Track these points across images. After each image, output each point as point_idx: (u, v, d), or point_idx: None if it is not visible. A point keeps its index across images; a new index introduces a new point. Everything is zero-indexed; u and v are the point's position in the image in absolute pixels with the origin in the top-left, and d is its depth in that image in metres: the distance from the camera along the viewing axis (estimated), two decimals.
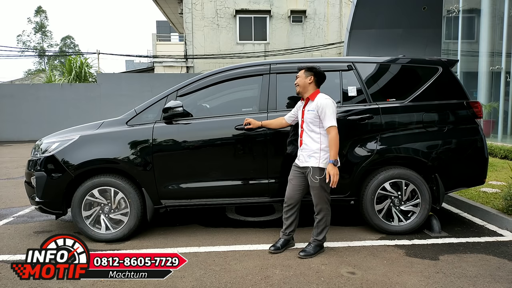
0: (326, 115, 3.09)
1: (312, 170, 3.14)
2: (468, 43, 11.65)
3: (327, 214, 3.26)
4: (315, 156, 3.14)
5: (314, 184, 3.14)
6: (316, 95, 3.21)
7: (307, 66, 3.28)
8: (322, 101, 3.13)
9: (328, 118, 3.09)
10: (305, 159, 3.20)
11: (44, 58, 45.10)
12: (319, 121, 3.15)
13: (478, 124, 3.73)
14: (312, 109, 3.17)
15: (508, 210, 3.94)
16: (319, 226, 3.26)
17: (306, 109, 3.23)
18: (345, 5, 18.91)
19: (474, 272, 2.88)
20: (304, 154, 3.21)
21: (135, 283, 2.75)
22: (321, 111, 3.10)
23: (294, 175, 3.31)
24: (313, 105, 3.17)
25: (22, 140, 15.93)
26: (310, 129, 3.19)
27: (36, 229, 4.12)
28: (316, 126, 3.17)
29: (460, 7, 11.25)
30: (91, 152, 3.58)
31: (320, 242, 3.28)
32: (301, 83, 3.25)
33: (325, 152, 3.13)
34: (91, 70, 19.75)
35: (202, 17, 18.81)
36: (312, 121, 3.17)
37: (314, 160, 3.14)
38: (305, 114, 3.23)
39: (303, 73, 3.26)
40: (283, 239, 3.38)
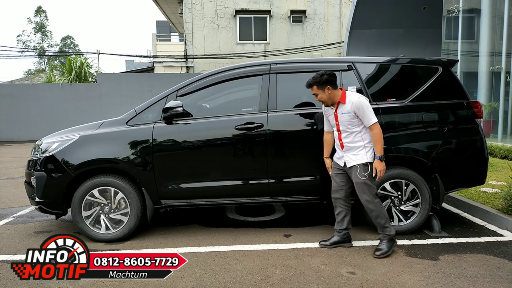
0: (365, 114, 3.08)
1: (358, 168, 3.14)
2: (468, 43, 11.65)
3: (381, 207, 3.22)
4: (361, 153, 3.15)
5: (360, 181, 3.15)
6: (345, 96, 3.17)
7: (315, 81, 3.17)
8: (356, 101, 3.09)
9: (367, 116, 3.08)
10: (351, 158, 3.19)
11: (44, 58, 45.11)
12: (358, 120, 3.13)
13: (478, 124, 3.73)
14: (347, 111, 3.13)
15: (508, 210, 3.94)
16: (379, 223, 3.23)
17: (339, 112, 3.19)
18: (345, 5, 18.90)
19: (474, 272, 2.88)
20: (350, 154, 3.20)
21: (135, 283, 2.75)
22: (359, 111, 3.08)
23: (336, 172, 3.35)
24: (347, 107, 3.13)
25: (22, 140, 15.93)
26: (349, 130, 3.18)
27: (36, 229, 4.12)
28: (355, 126, 3.16)
29: (460, 7, 11.25)
30: (91, 152, 3.58)
31: (390, 235, 3.22)
32: (324, 99, 3.19)
33: (369, 147, 3.16)
34: (91, 70, 19.75)
35: (202, 17, 18.81)
36: (350, 122, 3.15)
37: (361, 156, 3.15)
38: (339, 117, 3.20)
39: (317, 89, 3.19)
40: (336, 236, 3.41)
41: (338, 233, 3.41)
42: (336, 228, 3.42)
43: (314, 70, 3.89)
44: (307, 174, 3.66)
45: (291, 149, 3.67)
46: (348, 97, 3.16)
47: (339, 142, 3.28)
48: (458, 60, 8.76)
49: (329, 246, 3.37)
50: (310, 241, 3.55)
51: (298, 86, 3.96)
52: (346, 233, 3.41)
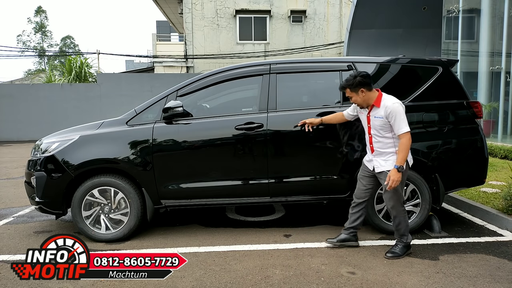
0: (396, 121, 2.94)
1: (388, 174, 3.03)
2: (468, 43, 11.65)
3: (404, 215, 3.16)
4: (392, 159, 3.05)
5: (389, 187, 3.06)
6: (381, 99, 3.05)
7: (348, 84, 3.07)
8: (390, 106, 2.96)
9: (399, 125, 2.94)
10: (380, 164, 3.10)
11: (44, 58, 45.11)
12: (390, 126, 3.01)
13: (478, 124, 3.72)
14: (380, 116, 3.01)
15: (508, 210, 3.94)
16: (400, 229, 3.17)
17: (372, 115, 3.09)
18: (345, 5, 18.90)
19: (474, 272, 2.88)
20: (380, 159, 3.12)
21: (135, 283, 2.75)
22: (391, 117, 2.95)
23: (364, 174, 3.29)
24: (380, 112, 3.02)
25: (22, 140, 15.92)
26: (380, 135, 3.07)
27: (36, 229, 4.12)
28: (388, 131, 3.04)
29: (460, 7, 11.25)
30: (91, 152, 3.58)
31: (407, 243, 3.19)
32: (359, 102, 3.09)
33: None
34: (91, 70, 19.75)
35: (202, 17, 18.81)
36: (382, 128, 3.04)
37: (391, 162, 3.04)
38: (371, 120, 3.11)
39: (350, 92, 3.09)
40: (343, 234, 3.38)
41: (346, 231, 3.38)
42: (346, 225, 3.38)
43: (314, 70, 3.92)
44: (307, 174, 3.66)
45: (291, 149, 3.67)
46: (383, 101, 3.03)
47: (370, 145, 3.19)
48: (458, 60, 8.76)
49: (335, 244, 3.36)
50: (310, 241, 3.55)
51: (298, 86, 3.97)
52: (354, 232, 3.39)
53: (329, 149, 3.66)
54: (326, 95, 3.90)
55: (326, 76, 3.94)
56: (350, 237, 3.38)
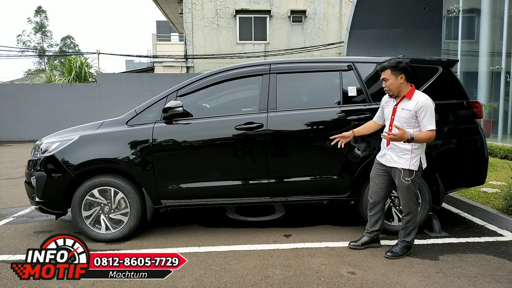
0: (426, 116, 2.90)
1: (402, 172, 3.01)
2: (468, 43, 11.65)
3: (416, 215, 3.14)
4: (405, 158, 3.00)
5: (403, 185, 3.04)
6: (413, 93, 3.01)
7: (391, 65, 3.02)
8: (423, 101, 2.92)
9: (428, 121, 2.90)
10: (393, 159, 3.07)
11: (44, 58, 45.11)
12: (415, 122, 2.97)
13: (478, 124, 3.72)
14: (409, 109, 2.96)
15: (508, 210, 3.94)
16: (408, 228, 3.15)
17: (400, 107, 3.03)
18: (345, 5, 18.90)
19: (474, 272, 2.88)
20: (393, 154, 3.07)
21: (135, 283, 2.75)
22: (421, 112, 2.91)
23: (377, 172, 3.23)
24: (411, 105, 2.96)
25: (22, 140, 15.92)
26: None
27: (36, 229, 4.12)
28: (411, 126, 2.98)
29: (460, 7, 11.25)
30: (91, 152, 3.58)
31: (408, 244, 3.17)
32: (394, 86, 3.01)
33: (415, 154, 3.00)
34: (91, 70, 19.73)
35: (202, 17, 18.80)
36: (407, 121, 2.98)
37: (404, 161, 3.00)
38: (397, 112, 3.04)
39: (390, 74, 3.01)
40: (366, 237, 3.36)
41: (369, 234, 3.34)
42: (368, 229, 3.35)
43: (314, 70, 3.92)
44: (307, 174, 3.66)
45: (291, 149, 3.67)
46: (416, 95, 3.00)
47: None
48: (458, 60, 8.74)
49: (360, 247, 3.33)
50: (310, 241, 3.55)
51: (298, 86, 3.97)
52: (376, 234, 3.36)
53: (329, 149, 3.65)
54: (326, 95, 3.90)
55: (326, 76, 3.94)
56: (373, 239, 3.36)
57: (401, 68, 3.01)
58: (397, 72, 3.01)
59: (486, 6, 10.49)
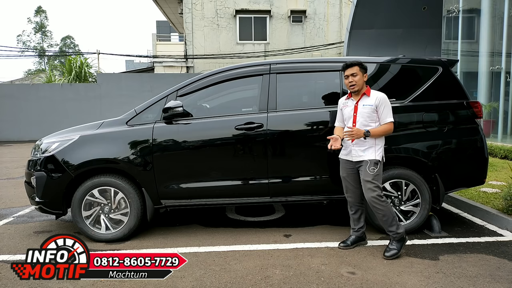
0: (384, 110, 3.14)
1: (368, 162, 3.13)
2: (468, 43, 11.64)
3: (386, 205, 3.16)
4: (369, 150, 3.16)
5: (368, 177, 3.12)
6: (370, 90, 3.24)
7: (359, 62, 3.23)
8: (381, 96, 3.16)
9: (387, 113, 3.15)
10: (358, 153, 3.19)
11: (44, 58, 45.10)
12: (376, 116, 3.17)
13: (478, 124, 3.72)
14: (370, 104, 3.16)
15: (508, 210, 3.94)
16: (386, 221, 3.17)
17: (361, 104, 3.21)
18: (345, 5, 18.90)
19: (474, 272, 2.88)
20: (358, 149, 3.20)
21: (135, 283, 2.75)
22: (381, 105, 3.14)
23: (347, 172, 3.31)
24: (370, 100, 3.17)
25: (22, 140, 15.92)
26: (366, 124, 3.17)
27: (36, 229, 4.12)
28: (373, 121, 3.17)
29: (460, 7, 11.25)
30: (91, 152, 3.58)
31: (398, 235, 3.17)
32: (360, 82, 3.19)
33: (379, 146, 3.17)
34: (91, 70, 19.74)
35: (202, 17, 18.81)
36: (370, 115, 3.16)
37: (370, 153, 3.15)
38: (359, 108, 3.21)
39: (358, 70, 3.18)
40: (353, 236, 3.40)
41: (356, 232, 3.40)
42: (354, 227, 3.41)
43: (314, 70, 3.92)
44: (307, 174, 3.66)
45: (291, 149, 3.67)
46: (373, 92, 3.23)
47: None
48: (458, 60, 8.76)
49: (350, 247, 3.36)
50: (310, 241, 3.55)
51: (298, 86, 3.97)
52: (362, 231, 3.41)
53: None
54: (326, 95, 3.90)
55: (326, 76, 3.93)
56: (360, 237, 3.40)
57: (365, 67, 3.25)
58: (363, 70, 3.22)
59: (486, 6, 10.48)
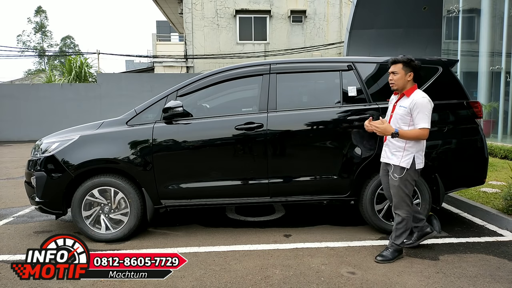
0: (419, 114, 2.92)
1: (393, 167, 3.06)
2: (468, 43, 11.63)
3: (408, 217, 3.08)
4: (397, 155, 3.04)
5: (393, 182, 3.05)
6: (413, 92, 3.03)
7: (404, 60, 3.03)
8: (418, 100, 2.93)
9: (421, 119, 2.92)
10: (387, 155, 3.14)
11: (44, 58, 45.10)
12: (410, 119, 2.98)
13: (478, 124, 3.72)
14: (405, 106, 2.99)
15: (508, 210, 3.94)
16: (398, 229, 3.09)
17: (399, 104, 3.07)
18: (345, 5, 18.90)
19: (474, 272, 2.88)
20: (387, 150, 3.14)
21: (135, 283, 2.75)
22: (415, 109, 2.93)
23: (383, 173, 3.28)
24: (407, 102, 3.00)
25: (22, 140, 15.91)
26: (398, 126, 3.02)
27: (36, 229, 4.12)
28: (406, 124, 3.00)
29: (460, 7, 11.24)
30: (91, 152, 3.58)
31: (398, 247, 3.11)
32: (400, 81, 3.02)
33: (409, 152, 3.00)
34: (91, 70, 19.74)
35: (202, 17, 18.81)
36: (402, 118, 3.01)
37: (395, 158, 3.05)
38: (396, 109, 3.08)
39: (401, 68, 3.01)
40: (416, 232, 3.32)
41: (416, 229, 3.30)
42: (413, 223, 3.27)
43: (314, 70, 3.92)
44: (307, 174, 3.66)
45: (291, 149, 3.67)
46: (414, 93, 3.01)
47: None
48: (458, 60, 8.75)
49: (415, 244, 3.29)
50: (310, 241, 3.55)
51: (298, 86, 3.98)
52: (420, 226, 3.27)
53: (329, 149, 3.66)
54: (326, 95, 3.90)
55: (326, 76, 3.94)
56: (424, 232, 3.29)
57: (413, 66, 3.03)
58: (408, 68, 3.03)
59: (486, 6, 10.47)
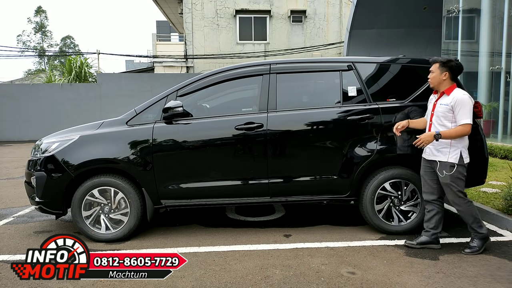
0: (461, 111, 3.04)
1: (439, 164, 3.13)
2: (468, 43, 11.63)
3: (468, 207, 3.16)
4: (443, 151, 3.12)
5: (444, 180, 3.13)
6: (452, 90, 3.14)
7: (441, 60, 3.16)
8: (459, 97, 3.06)
9: (463, 115, 3.03)
10: (432, 152, 3.19)
11: (44, 58, 45.09)
12: (452, 116, 3.09)
13: (478, 124, 3.72)
14: (446, 104, 3.11)
15: (508, 210, 3.94)
16: (469, 221, 3.19)
17: (439, 102, 3.18)
18: (345, 5, 18.90)
19: (474, 272, 2.88)
20: (431, 147, 3.19)
21: (135, 283, 2.75)
22: (457, 106, 3.05)
23: (425, 170, 3.32)
24: (447, 100, 3.11)
25: (22, 140, 15.92)
26: (441, 123, 3.13)
27: (36, 229, 4.12)
28: (448, 121, 3.11)
29: (460, 7, 11.24)
30: (91, 152, 3.58)
31: (482, 234, 3.21)
32: (435, 80, 3.16)
33: (455, 147, 3.10)
34: (91, 70, 19.75)
35: (202, 17, 18.81)
36: (445, 116, 3.11)
37: (442, 155, 3.13)
38: (437, 107, 3.18)
39: (437, 68, 3.15)
40: (423, 236, 3.35)
41: (426, 233, 3.33)
42: (425, 227, 3.35)
43: (314, 70, 3.92)
44: (307, 174, 3.66)
45: (291, 149, 3.67)
46: (455, 92, 3.12)
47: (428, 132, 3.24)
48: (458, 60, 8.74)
49: (416, 246, 3.32)
50: (310, 241, 3.55)
51: (298, 86, 3.97)
52: (435, 234, 3.31)
53: (329, 149, 3.66)
54: (326, 95, 3.90)
55: (326, 76, 3.94)
56: (431, 240, 3.32)
57: (449, 66, 3.13)
58: (443, 68, 3.14)
59: (486, 6, 10.47)
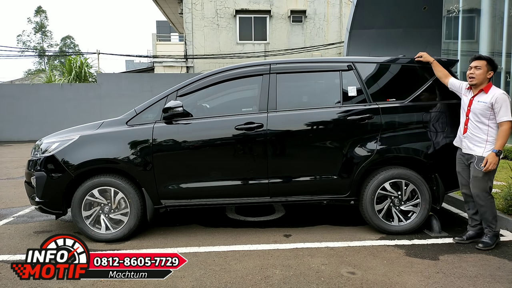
0: (502, 108, 3.11)
1: (477, 158, 3.20)
2: (468, 43, 11.62)
3: (490, 204, 3.26)
4: (480, 146, 3.21)
5: (478, 173, 3.20)
6: (490, 88, 3.22)
7: (490, 58, 3.25)
8: (499, 95, 3.13)
9: (504, 112, 3.11)
10: (468, 146, 3.28)
11: (44, 58, 45.08)
12: (490, 114, 3.16)
13: None
14: (485, 101, 3.17)
15: (508, 210, 3.94)
16: (486, 219, 3.29)
17: (477, 99, 3.23)
18: (345, 5, 18.90)
19: (474, 272, 2.88)
20: (467, 142, 3.29)
21: (135, 283, 2.75)
22: (497, 103, 3.11)
23: (462, 167, 3.42)
24: (486, 97, 3.17)
25: (22, 140, 15.91)
26: (479, 120, 3.21)
27: (36, 229, 4.12)
28: (486, 118, 3.18)
29: (460, 7, 11.24)
30: (91, 152, 3.58)
31: (495, 232, 3.32)
32: (480, 77, 3.20)
33: (491, 144, 3.17)
34: (91, 70, 19.75)
35: (202, 17, 18.81)
36: (483, 113, 3.19)
37: (479, 149, 3.21)
38: (474, 103, 3.25)
39: (485, 65, 3.21)
40: (470, 231, 3.46)
41: (473, 228, 3.45)
42: (470, 223, 3.48)
43: (314, 70, 3.92)
44: (307, 174, 3.66)
45: (291, 149, 3.67)
46: (493, 90, 3.21)
47: (464, 126, 3.33)
48: (458, 60, 8.74)
49: (465, 241, 3.42)
50: (310, 241, 3.55)
51: (298, 86, 3.97)
52: (480, 228, 3.42)
53: (329, 149, 3.66)
54: (326, 95, 3.90)
55: (326, 76, 3.94)
56: (477, 233, 3.43)
57: (494, 66, 3.25)
58: (490, 67, 3.22)
59: (486, 6, 10.47)
